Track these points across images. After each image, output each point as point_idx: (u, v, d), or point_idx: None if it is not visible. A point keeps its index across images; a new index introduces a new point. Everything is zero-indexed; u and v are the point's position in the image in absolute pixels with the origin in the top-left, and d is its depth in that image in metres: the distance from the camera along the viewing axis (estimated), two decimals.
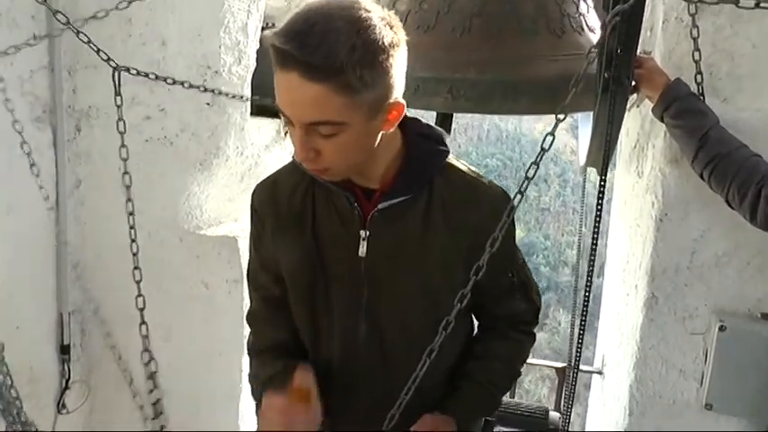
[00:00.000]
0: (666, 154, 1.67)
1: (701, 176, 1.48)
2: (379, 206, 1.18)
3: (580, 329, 1.89)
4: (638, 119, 1.97)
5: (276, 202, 1.28)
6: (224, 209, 2.24)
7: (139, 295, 1.87)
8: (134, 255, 1.81)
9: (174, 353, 2.16)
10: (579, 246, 2.38)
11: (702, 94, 1.57)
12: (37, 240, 2.09)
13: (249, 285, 1.40)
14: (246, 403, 2.24)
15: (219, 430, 2.28)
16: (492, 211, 1.24)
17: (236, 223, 2.24)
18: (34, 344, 2.14)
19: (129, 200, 1.85)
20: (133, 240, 1.81)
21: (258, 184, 1.34)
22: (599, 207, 1.73)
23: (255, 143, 2.23)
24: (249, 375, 1.41)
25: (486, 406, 1.41)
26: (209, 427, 2.27)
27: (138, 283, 1.88)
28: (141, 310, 1.86)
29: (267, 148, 2.29)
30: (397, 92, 1.09)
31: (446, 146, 1.25)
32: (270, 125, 2.33)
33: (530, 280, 1.39)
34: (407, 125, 1.21)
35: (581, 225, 2.40)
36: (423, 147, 1.22)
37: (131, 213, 1.84)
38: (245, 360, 2.18)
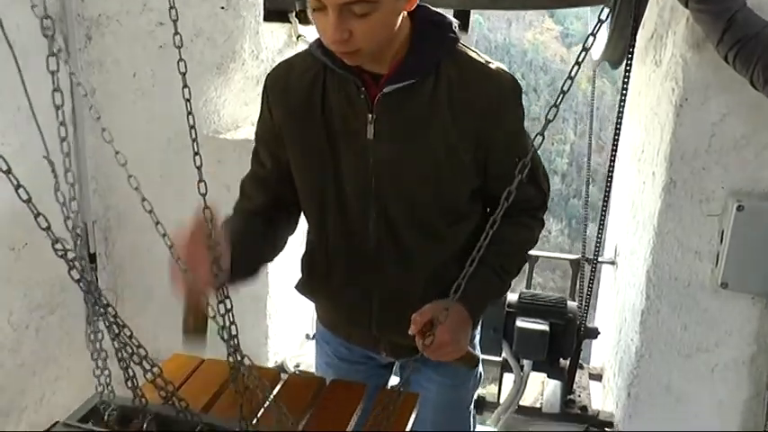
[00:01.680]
0: (688, 40, 1.68)
1: (726, 59, 1.50)
2: (385, 90, 1.20)
3: (600, 220, 1.95)
4: (654, 9, 1.97)
5: (288, 85, 1.29)
6: (241, 113, 2.24)
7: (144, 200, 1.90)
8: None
9: None
10: (590, 138, 2.41)
11: None
12: (55, 150, 2.10)
13: (252, 155, 1.42)
14: (273, 302, 2.31)
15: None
16: (500, 94, 1.26)
17: (253, 127, 2.25)
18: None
19: None
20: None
21: (273, 68, 1.36)
22: (623, 96, 1.76)
23: (269, 47, 2.21)
24: None
25: (496, 290, 1.41)
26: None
27: (136, 189, 1.91)
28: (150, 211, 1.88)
29: (280, 52, 2.27)
30: None
31: (456, 33, 1.25)
32: (281, 30, 2.31)
33: (539, 166, 1.39)
34: (419, 12, 1.22)
35: (591, 118, 2.43)
36: (432, 33, 1.23)
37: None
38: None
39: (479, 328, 1.58)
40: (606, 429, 2.11)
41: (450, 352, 1.23)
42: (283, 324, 2.44)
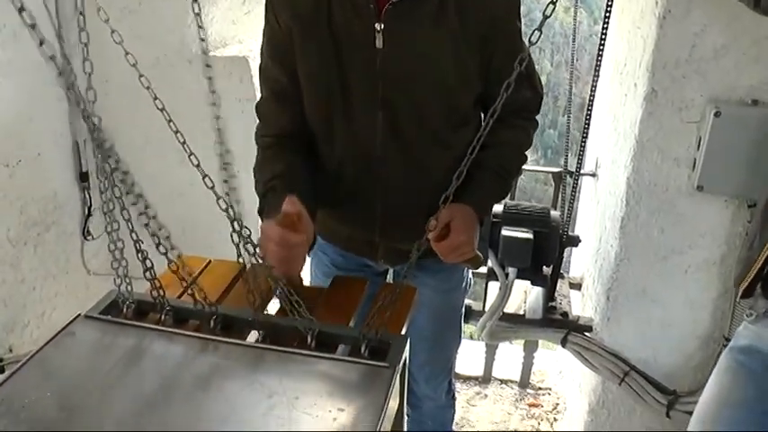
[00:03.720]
0: None
1: None
2: None
3: (583, 132, 2.02)
4: None
5: None
6: (228, 32, 2.24)
7: None
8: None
9: (189, 176, 2.25)
10: (573, 56, 2.46)
11: None
12: (46, 68, 2.09)
13: (260, 77, 1.44)
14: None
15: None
16: (506, 2, 1.31)
17: (241, 45, 2.26)
18: (55, 171, 2.21)
19: None
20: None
21: None
22: (609, 7, 1.80)
23: None
24: (254, 168, 1.45)
25: (500, 191, 1.50)
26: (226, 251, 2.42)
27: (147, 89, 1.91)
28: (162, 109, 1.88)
29: None
30: None
31: None
32: None
33: (534, 70, 1.46)
34: None
35: (574, 47, 2.46)
36: None
37: None
38: None
39: None
40: (586, 333, 2.23)
41: (466, 252, 1.29)
42: None
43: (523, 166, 1.57)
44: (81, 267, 2.37)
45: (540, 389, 2.90)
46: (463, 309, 1.81)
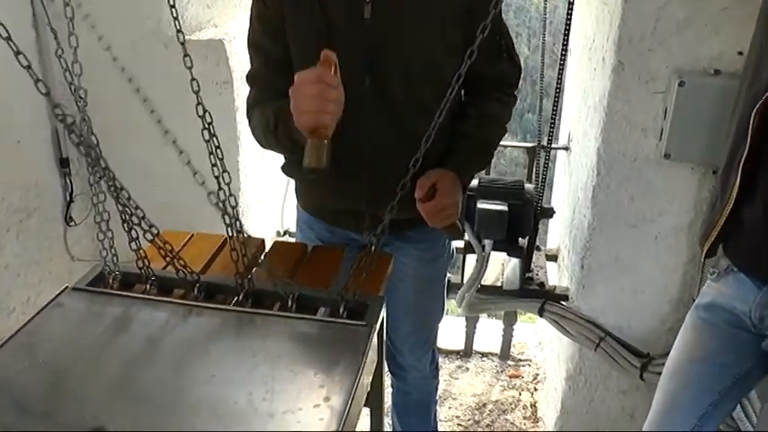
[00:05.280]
0: None
1: None
2: None
3: (554, 106, 2.08)
4: None
5: None
6: (203, 15, 2.26)
7: None
8: None
9: (172, 158, 2.27)
10: (544, 35, 2.50)
11: None
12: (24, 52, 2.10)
13: (250, 49, 1.47)
14: (245, 199, 2.40)
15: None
16: None
17: (216, 28, 2.28)
18: (36, 158, 2.23)
19: None
20: None
21: None
22: None
23: None
24: (252, 128, 1.49)
25: (482, 160, 1.58)
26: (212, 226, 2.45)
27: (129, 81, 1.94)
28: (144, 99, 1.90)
29: None
30: None
31: None
32: None
33: (513, 45, 1.52)
34: None
35: (545, 9, 2.51)
36: None
37: None
38: (240, 159, 2.32)
39: None
40: (562, 303, 2.30)
41: (451, 215, 1.34)
42: (253, 224, 2.53)
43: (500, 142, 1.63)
44: (64, 253, 2.40)
45: (520, 360, 2.98)
46: (446, 280, 1.86)
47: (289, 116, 1.20)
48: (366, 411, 1.20)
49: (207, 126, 1.09)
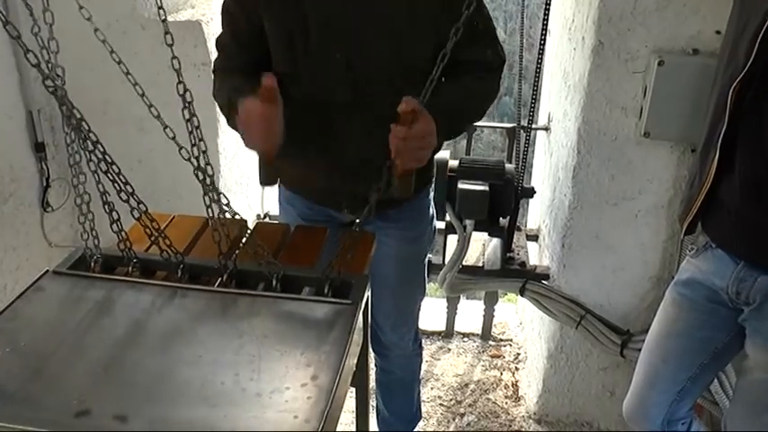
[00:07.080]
0: None
1: None
2: None
3: (533, 87, 2.08)
4: None
5: None
6: None
7: None
8: None
9: (150, 142, 2.25)
10: (522, 17, 2.50)
11: None
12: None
13: (223, 15, 1.48)
14: (225, 182, 2.38)
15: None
16: None
17: (193, 9, 2.25)
18: (10, 142, 2.18)
19: None
20: None
21: None
22: None
23: None
24: (214, 92, 1.52)
25: (459, 116, 1.47)
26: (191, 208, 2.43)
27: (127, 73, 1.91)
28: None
29: None
30: None
31: None
32: None
33: (495, 32, 1.51)
34: None
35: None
36: None
37: None
38: (220, 141, 2.30)
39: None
40: (543, 282, 2.32)
41: (429, 144, 1.26)
42: (234, 207, 2.51)
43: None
44: (42, 239, 2.36)
45: (501, 341, 3.00)
46: (427, 259, 1.87)
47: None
48: (351, 393, 1.21)
49: (187, 105, 1.07)
